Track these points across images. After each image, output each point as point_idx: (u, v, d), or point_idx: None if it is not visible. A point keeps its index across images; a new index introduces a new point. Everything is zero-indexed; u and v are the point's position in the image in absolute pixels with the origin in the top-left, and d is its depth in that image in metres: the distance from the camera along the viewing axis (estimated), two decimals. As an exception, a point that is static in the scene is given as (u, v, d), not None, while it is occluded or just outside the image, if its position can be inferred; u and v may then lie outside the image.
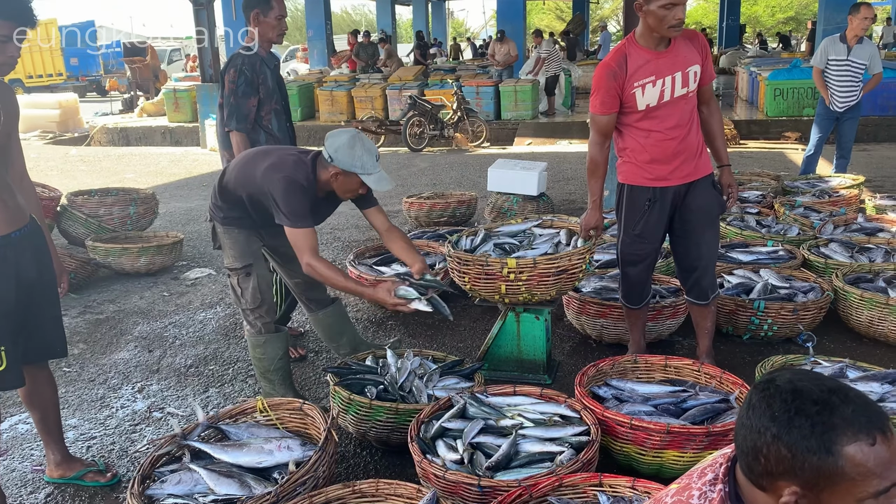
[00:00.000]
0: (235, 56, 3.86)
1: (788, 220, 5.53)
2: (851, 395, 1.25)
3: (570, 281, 3.50)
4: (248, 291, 3.30)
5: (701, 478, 1.43)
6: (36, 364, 2.77)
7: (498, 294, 3.49)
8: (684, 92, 3.28)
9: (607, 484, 2.34)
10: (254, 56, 3.85)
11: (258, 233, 3.35)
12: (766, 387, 1.30)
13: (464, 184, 9.13)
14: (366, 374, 3.21)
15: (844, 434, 1.20)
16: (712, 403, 2.92)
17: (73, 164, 11.96)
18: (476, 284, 3.51)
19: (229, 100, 3.79)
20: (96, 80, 27.77)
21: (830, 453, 1.20)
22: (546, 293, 3.48)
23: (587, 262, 3.53)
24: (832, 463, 1.20)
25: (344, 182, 3.08)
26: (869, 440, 1.20)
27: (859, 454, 1.19)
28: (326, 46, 19.92)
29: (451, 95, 12.94)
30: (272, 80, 3.92)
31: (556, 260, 3.40)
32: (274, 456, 2.59)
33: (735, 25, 27.67)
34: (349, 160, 3.02)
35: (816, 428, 1.21)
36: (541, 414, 2.82)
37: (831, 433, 1.20)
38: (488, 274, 3.44)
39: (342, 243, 6.57)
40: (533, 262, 3.38)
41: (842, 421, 1.21)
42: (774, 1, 39.02)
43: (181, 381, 3.90)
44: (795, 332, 3.96)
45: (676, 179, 3.38)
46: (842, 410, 1.22)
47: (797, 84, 12.29)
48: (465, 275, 3.53)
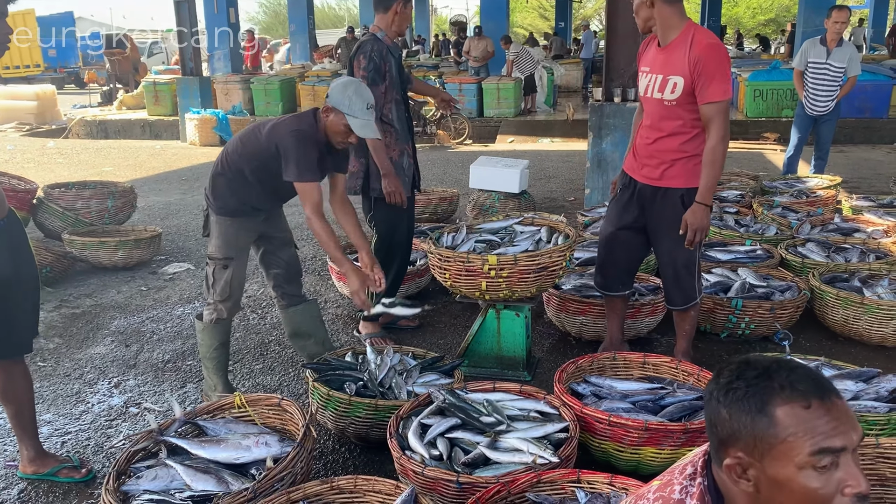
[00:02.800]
0: (365, 42, 3.87)
1: (766, 220, 5.58)
2: (797, 366, 1.26)
3: (550, 278, 3.51)
4: (219, 283, 3.31)
5: (682, 473, 1.44)
6: (12, 359, 2.73)
7: (479, 291, 3.49)
8: (660, 97, 3.27)
9: (585, 480, 2.35)
10: (380, 43, 3.85)
11: (254, 221, 3.34)
12: (721, 368, 1.33)
13: (446, 181, 9.12)
14: (345, 371, 3.20)
15: (779, 396, 1.21)
16: (690, 401, 2.94)
17: (50, 157, 11.80)
18: (457, 281, 3.51)
19: None
20: (75, 71, 27.44)
21: (764, 414, 1.21)
22: (526, 290, 3.49)
23: (567, 260, 3.55)
24: (766, 424, 1.20)
25: (333, 122, 3.13)
26: (804, 402, 1.20)
27: (791, 416, 1.19)
28: (309, 41, 19.82)
29: (434, 92, 12.91)
30: (396, 70, 3.91)
31: (536, 257, 3.41)
32: (251, 452, 2.57)
33: (716, 26, 27.86)
34: (339, 98, 3.09)
35: (751, 389, 1.23)
36: (520, 410, 2.83)
37: (765, 395, 1.22)
38: (469, 271, 3.44)
39: (323, 239, 6.53)
40: (514, 258, 3.39)
41: (778, 385, 1.22)
42: (755, 2, 39.37)
43: (158, 377, 3.86)
44: (772, 331, 3.99)
45: (640, 177, 3.43)
46: (780, 375, 1.23)
47: (777, 85, 12.41)
48: (445, 271, 3.53)
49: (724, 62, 3.14)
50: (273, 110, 14.54)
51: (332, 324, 4.56)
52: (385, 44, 3.87)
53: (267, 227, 3.44)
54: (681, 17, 3.23)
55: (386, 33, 3.89)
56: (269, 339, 4.34)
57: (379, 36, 3.88)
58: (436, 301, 4.88)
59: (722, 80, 3.11)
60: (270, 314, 4.72)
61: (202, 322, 3.39)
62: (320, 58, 19.24)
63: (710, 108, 3.14)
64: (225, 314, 3.36)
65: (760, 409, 1.21)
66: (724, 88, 3.12)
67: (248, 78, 15.20)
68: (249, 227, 3.36)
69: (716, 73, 3.10)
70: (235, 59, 15.99)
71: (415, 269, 4.78)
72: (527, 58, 14.56)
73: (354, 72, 3.82)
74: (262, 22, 47.14)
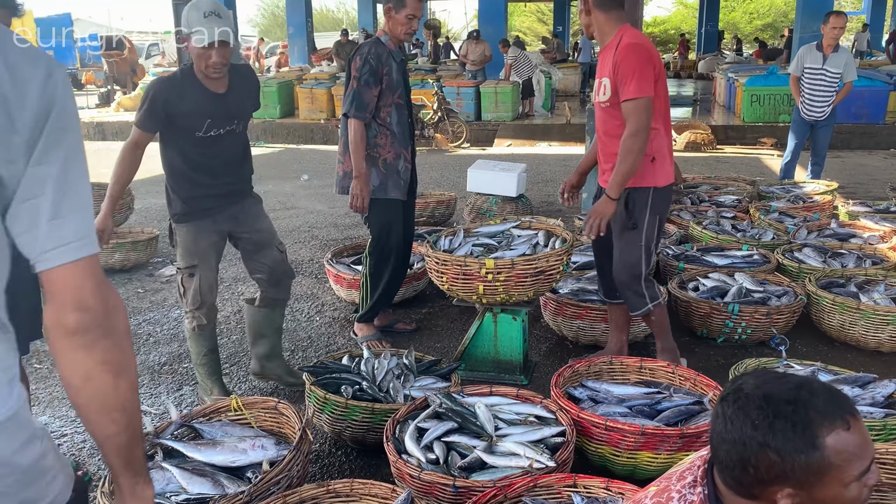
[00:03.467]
0: (364, 44, 3.87)
1: (763, 225, 5.59)
2: (816, 385, 1.28)
3: (547, 282, 3.52)
4: (189, 292, 3.26)
5: (680, 480, 1.43)
6: None
7: (476, 295, 3.49)
8: (597, 101, 3.36)
9: (582, 484, 2.35)
10: (381, 47, 3.83)
11: (209, 222, 3.25)
12: (736, 397, 1.31)
13: (443, 184, 9.13)
14: (342, 374, 3.20)
15: (822, 426, 1.22)
16: (686, 405, 2.95)
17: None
18: (454, 285, 3.51)
19: (350, 85, 3.79)
20: (72, 73, 27.37)
21: (815, 448, 1.22)
22: (524, 294, 3.49)
23: (564, 264, 3.55)
24: (819, 457, 1.22)
25: (192, 50, 3.02)
26: (844, 426, 1.23)
27: (840, 442, 1.22)
28: (307, 44, 19.82)
29: (432, 96, 12.93)
30: (397, 74, 3.89)
31: (533, 261, 3.41)
32: (248, 455, 2.56)
33: (714, 31, 27.96)
34: (183, 24, 2.98)
35: (797, 427, 1.23)
36: (517, 414, 2.83)
37: (812, 428, 1.22)
38: (466, 274, 3.44)
39: (320, 241, 6.54)
40: (511, 262, 3.39)
41: (818, 414, 1.23)
42: (752, 7, 39.49)
43: (155, 379, 3.85)
44: (769, 336, 4.01)
45: (602, 182, 3.51)
46: (815, 403, 1.24)
47: (774, 91, 12.44)
48: (443, 275, 3.53)
49: (642, 61, 3.16)
50: (271, 113, 14.53)
51: (329, 327, 4.56)
52: (387, 48, 3.85)
53: (234, 227, 3.34)
54: (616, 22, 3.28)
55: (390, 37, 3.88)
56: (265, 341, 4.33)
57: (382, 39, 3.87)
58: (433, 304, 4.87)
59: (638, 79, 3.13)
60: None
61: (188, 331, 3.38)
62: (318, 60, 19.23)
63: (626, 106, 3.17)
64: (204, 320, 3.32)
65: (812, 443, 1.22)
66: (639, 86, 3.13)
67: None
68: (206, 229, 3.24)
69: (632, 71, 3.13)
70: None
71: (412, 272, 4.78)
72: (524, 62, 14.58)
73: (351, 72, 3.81)
74: (261, 24, 47.20)
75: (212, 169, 3.20)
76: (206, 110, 3.09)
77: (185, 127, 3.09)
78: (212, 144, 3.16)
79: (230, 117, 3.19)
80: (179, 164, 3.17)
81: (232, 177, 3.28)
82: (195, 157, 3.16)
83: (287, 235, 6.76)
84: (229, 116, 3.18)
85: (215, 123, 3.14)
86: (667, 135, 3.38)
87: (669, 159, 3.37)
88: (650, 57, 3.20)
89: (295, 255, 6.13)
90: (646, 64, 3.16)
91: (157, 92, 3.03)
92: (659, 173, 3.31)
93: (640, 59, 3.16)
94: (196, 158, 3.16)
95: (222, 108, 3.15)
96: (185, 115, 3.07)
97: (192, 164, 3.18)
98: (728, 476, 1.33)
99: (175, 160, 3.17)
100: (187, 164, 3.17)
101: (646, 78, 3.14)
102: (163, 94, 3.03)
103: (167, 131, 3.12)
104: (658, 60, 3.25)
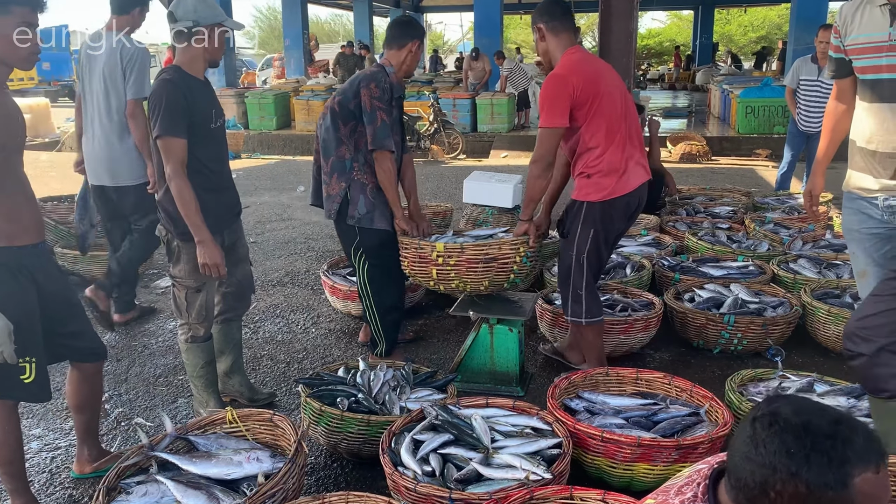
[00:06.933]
0: (378, 73, 3.69)
1: (759, 236, 5.61)
2: (855, 424, 1.28)
3: (502, 272, 3.51)
4: (194, 307, 3.24)
5: (679, 495, 1.42)
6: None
7: (432, 280, 3.56)
8: None
9: (578, 497, 2.34)
10: (388, 78, 3.70)
11: (221, 235, 3.23)
12: (772, 420, 1.30)
13: (439, 195, 9.14)
14: (337, 386, 3.19)
15: (857, 467, 1.23)
16: (683, 417, 2.95)
17: (42, 170, 11.76)
18: (413, 269, 3.63)
19: (376, 116, 3.59)
20: (69, 84, 27.39)
21: (846, 486, 1.22)
22: (479, 283, 3.52)
23: (523, 256, 3.52)
24: (846, 495, 1.22)
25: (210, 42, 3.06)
26: (875, 469, 1.23)
27: (868, 485, 1.23)
28: (303, 56, 19.88)
29: (428, 107, 12.97)
30: (397, 111, 3.83)
31: (484, 247, 3.45)
32: (243, 468, 2.55)
33: (708, 43, 28.15)
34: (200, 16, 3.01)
35: (833, 464, 1.23)
36: (513, 426, 2.82)
37: (847, 467, 1.23)
38: (422, 258, 3.54)
39: (316, 253, 6.53)
40: (461, 247, 3.45)
41: (854, 454, 1.23)
42: (747, 20, 39.74)
43: (150, 391, 3.84)
44: (765, 347, 4.01)
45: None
46: (853, 443, 1.25)
47: (768, 102, 12.51)
48: (405, 258, 3.65)
49: (549, 91, 3.28)
50: (267, 124, 14.56)
51: (325, 338, 4.55)
52: (392, 81, 3.73)
53: (230, 241, 3.35)
54: (563, 46, 3.40)
55: (395, 71, 3.76)
56: (261, 353, 4.32)
57: (388, 70, 3.75)
58: (429, 315, 4.87)
59: (548, 109, 3.27)
60: (262, 328, 4.71)
61: (183, 343, 3.34)
62: (315, 72, 19.28)
63: (538, 132, 3.36)
64: (201, 332, 3.31)
65: (843, 481, 1.23)
66: (548, 118, 3.28)
67: (243, 92, 15.22)
68: (217, 237, 3.19)
69: (544, 101, 3.29)
70: (230, 73, 16.02)
71: (408, 284, 4.78)
72: (520, 73, 14.65)
73: (363, 99, 3.60)
74: (258, 37, 47.29)
75: (220, 174, 3.20)
76: (208, 99, 3.14)
77: (198, 123, 3.06)
78: (218, 139, 3.20)
79: (218, 103, 3.26)
80: (192, 171, 3.05)
81: (232, 183, 3.28)
82: (207, 160, 3.11)
83: (283, 247, 6.76)
84: (217, 102, 3.25)
85: (218, 112, 3.21)
86: (614, 152, 3.34)
87: (613, 176, 3.34)
88: (565, 84, 3.26)
89: (291, 266, 6.13)
90: (559, 95, 3.26)
91: (169, 93, 2.98)
92: (594, 189, 3.36)
93: (555, 90, 3.27)
94: (209, 165, 3.13)
95: (212, 94, 3.23)
96: (199, 110, 3.07)
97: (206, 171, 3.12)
98: (742, 496, 1.32)
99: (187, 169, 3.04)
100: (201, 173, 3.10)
101: (556, 109, 3.26)
102: (174, 93, 2.98)
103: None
104: (584, 82, 3.26)
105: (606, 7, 6.09)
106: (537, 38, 3.45)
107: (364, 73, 3.76)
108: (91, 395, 2.91)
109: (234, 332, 3.58)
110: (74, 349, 2.78)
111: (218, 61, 3.18)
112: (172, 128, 2.96)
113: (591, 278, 3.50)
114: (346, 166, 3.73)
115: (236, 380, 3.60)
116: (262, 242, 6.93)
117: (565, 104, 3.25)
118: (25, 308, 2.44)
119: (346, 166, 3.73)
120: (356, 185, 3.72)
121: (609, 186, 3.35)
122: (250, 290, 3.59)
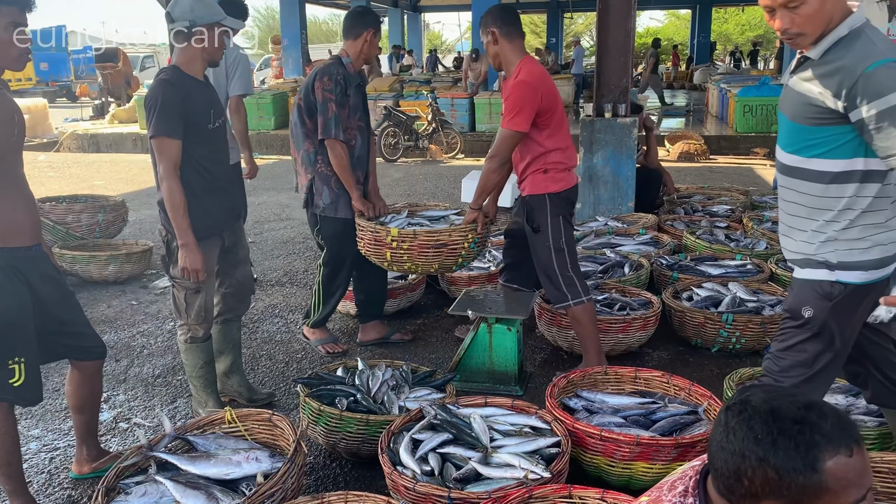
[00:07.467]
0: (332, 65, 3.87)
1: (756, 235, 5.62)
2: (826, 409, 1.28)
3: (451, 256, 3.74)
4: (193, 308, 3.24)
5: (671, 490, 1.44)
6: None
7: (385, 261, 3.76)
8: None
9: (577, 495, 2.34)
10: (344, 68, 3.86)
11: (218, 240, 3.25)
12: (742, 408, 1.31)
13: (438, 195, 9.15)
14: (336, 385, 3.19)
15: (826, 450, 1.22)
16: (681, 415, 2.95)
17: (41, 171, 11.76)
18: (369, 250, 3.81)
19: (327, 107, 3.77)
20: (66, 85, 27.37)
21: (815, 470, 1.22)
22: (429, 266, 3.76)
23: (471, 242, 3.74)
24: (817, 479, 1.22)
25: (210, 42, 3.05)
26: (847, 452, 1.23)
27: (840, 468, 1.22)
28: (301, 56, 19.86)
29: (426, 107, 12.98)
30: (355, 97, 3.92)
31: (435, 234, 3.69)
32: (242, 467, 2.55)
33: (706, 43, 28.16)
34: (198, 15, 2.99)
35: (800, 448, 1.23)
36: (512, 425, 2.82)
37: (815, 451, 1.22)
38: (377, 240, 3.73)
39: (314, 252, 6.53)
40: (413, 233, 3.67)
41: (822, 438, 1.23)
42: (744, 19, 39.79)
43: (148, 392, 3.84)
44: (763, 345, 4.01)
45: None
46: (821, 427, 1.24)
47: (766, 101, 12.51)
48: (362, 240, 3.83)
49: (522, 98, 3.44)
50: (265, 124, 14.55)
51: (324, 338, 4.54)
52: (348, 70, 3.88)
53: (231, 242, 3.36)
54: (519, 52, 3.58)
55: (352, 60, 3.91)
56: (259, 353, 4.32)
57: (344, 61, 3.90)
58: (428, 315, 4.87)
59: (516, 114, 3.44)
60: (261, 328, 4.71)
61: (182, 344, 3.33)
62: (313, 72, 19.21)
63: (499, 130, 3.55)
64: (200, 332, 3.30)
65: (812, 466, 1.22)
66: (514, 120, 3.45)
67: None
68: (214, 246, 3.24)
69: (513, 106, 3.45)
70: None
71: (406, 283, 4.78)
72: None
73: (317, 93, 3.78)
74: (257, 37, 47.25)
75: (219, 175, 3.19)
76: (207, 100, 3.13)
77: (195, 124, 3.04)
78: (216, 139, 3.18)
79: (218, 103, 3.25)
80: (189, 172, 3.05)
81: (234, 184, 3.30)
82: (204, 161, 3.10)
83: (282, 246, 6.76)
84: (217, 102, 3.24)
85: (217, 113, 3.19)
86: (568, 153, 3.65)
87: (566, 172, 3.65)
88: (535, 93, 3.45)
89: (290, 265, 6.13)
90: (529, 104, 3.44)
91: (165, 93, 2.96)
92: (551, 182, 3.61)
93: (524, 96, 3.44)
94: (207, 166, 3.11)
95: (212, 94, 3.22)
96: (196, 111, 3.05)
97: (204, 171, 3.11)
98: (721, 484, 1.33)
99: (184, 170, 3.04)
100: (199, 174, 3.09)
101: (523, 115, 3.44)
102: (170, 93, 2.97)
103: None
104: (547, 92, 3.49)
105: (604, 6, 6.10)
106: (489, 41, 3.59)
107: (318, 67, 3.93)
108: (90, 395, 2.91)
109: (234, 333, 3.58)
110: (74, 348, 2.78)
111: (217, 61, 3.17)
112: (167, 128, 2.96)
113: (573, 259, 3.69)
114: (311, 159, 3.95)
115: (235, 380, 3.60)
116: (260, 242, 6.93)
117: (531, 111, 3.45)
118: (15, 308, 2.44)
119: (311, 159, 3.95)
120: (320, 177, 3.94)
121: (564, 179, 3.65)
122: (250, 291, 3.59)
